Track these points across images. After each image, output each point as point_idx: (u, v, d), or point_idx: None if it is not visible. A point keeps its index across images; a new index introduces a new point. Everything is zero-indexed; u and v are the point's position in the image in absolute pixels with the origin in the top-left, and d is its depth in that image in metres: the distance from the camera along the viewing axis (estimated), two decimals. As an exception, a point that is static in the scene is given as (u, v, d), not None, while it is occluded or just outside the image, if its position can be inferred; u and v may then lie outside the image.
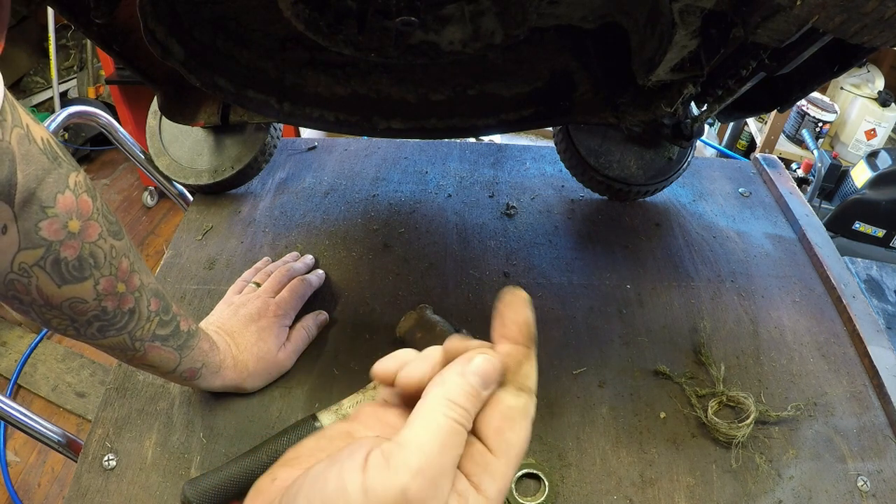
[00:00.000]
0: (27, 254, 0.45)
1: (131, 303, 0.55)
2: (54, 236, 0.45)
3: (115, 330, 0.55)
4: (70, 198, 0.46)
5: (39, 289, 0.47)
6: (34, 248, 0.45)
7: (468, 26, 0.64)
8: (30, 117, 0.44)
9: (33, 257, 0.45)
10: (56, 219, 0.45)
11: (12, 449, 1.85)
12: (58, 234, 0.46)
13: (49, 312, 0.50)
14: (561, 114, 0.86)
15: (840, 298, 0.89)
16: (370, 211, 1.03)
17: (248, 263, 0.90)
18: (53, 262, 0.46)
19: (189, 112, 0.93)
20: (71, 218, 0.46)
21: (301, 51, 0.81)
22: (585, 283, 0.91)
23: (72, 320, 0.51)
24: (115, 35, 0.76)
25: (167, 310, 0.60)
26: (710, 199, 1.10)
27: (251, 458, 0.64)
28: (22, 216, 0.43)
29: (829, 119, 2.58)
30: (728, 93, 0.70)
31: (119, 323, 0.55)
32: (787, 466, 0.69)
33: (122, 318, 0.55)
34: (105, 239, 0.50)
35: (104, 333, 0.55)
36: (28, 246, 0.44)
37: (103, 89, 2.95)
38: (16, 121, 0.41)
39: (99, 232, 0.49)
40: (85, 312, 0.51)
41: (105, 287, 0.51)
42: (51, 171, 0.44)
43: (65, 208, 0.46)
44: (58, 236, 0.46)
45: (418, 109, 0.85)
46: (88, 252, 0.48)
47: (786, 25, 0.48)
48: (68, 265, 0.47)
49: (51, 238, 0.45)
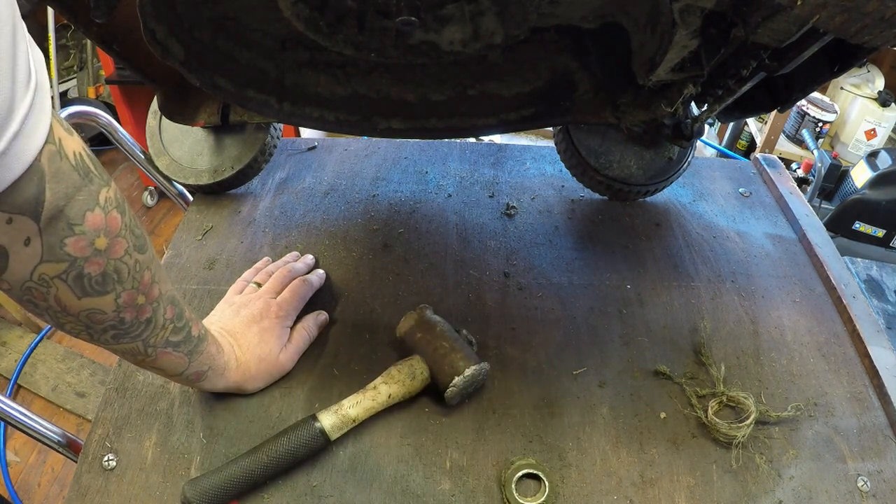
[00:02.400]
0: (49, 266, 0.44)
1: (149, 313, 0.54)
2: (80, 253, 0.45)
3: (129, 337, 0.55)
4: (99, 216, 0.45)
5: (58, 298, 0.46)
6: (57, 262, 0.44)
7: (468, 26, 0.64)
8: (64, 129, 0.42)
9: (55, 270, 0.44)
10: (83, 236, 0.44)
11: (12, 449, 1.85)
12: (84, 251, 0.45)
13: (64, 318, 0.49)
14: (561, 114, 0.86)
15: (840, 298, 0.89)
16: (370, 211, 1.03)
17: (248, 263, 0.90)
18: (76, 276, 0.46)
19: (189, 112, 0.93)
20: (99, 235, 0.45)
21: (301, 51, 0.81)
22: (585, 283, 0.91)
23: (87, 327, 0.51)
24: (115, 35, 0.76)
25: (181, 316, 0.60)
26: (710, 199, 1.10)
27: (251, 458, 0.64)
28: (47, 231, 0.42)
29: (829, 119, 2.58)
30: (728, 93, 0.70)
31: (135, 332, 0.55)
32: (787, 466, 0.69)
33: (138, 328, 0.54)
34: (130, 255, 0.49)
35: (118, 340, 0.54)
36: (51, 259, 0.44)
37: (103, 89, 2.95)
38: (49, 137, 0.40)
39: (125, 248, 0.48)
40: (102, 322, 0.51)
41: (126, 300, 0.51)
42: (81, 188, 0.44)
43: (93, 226, 0.45)
44: (83, 253, 0.45)
45: (418, 109, 0.85)
46: (113, 268, 0.48)
47: (786, 25, 0.48)
48: (91, 280, 0.47)
49: (76, 255, 0.45)
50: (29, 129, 0.37)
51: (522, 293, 0.88)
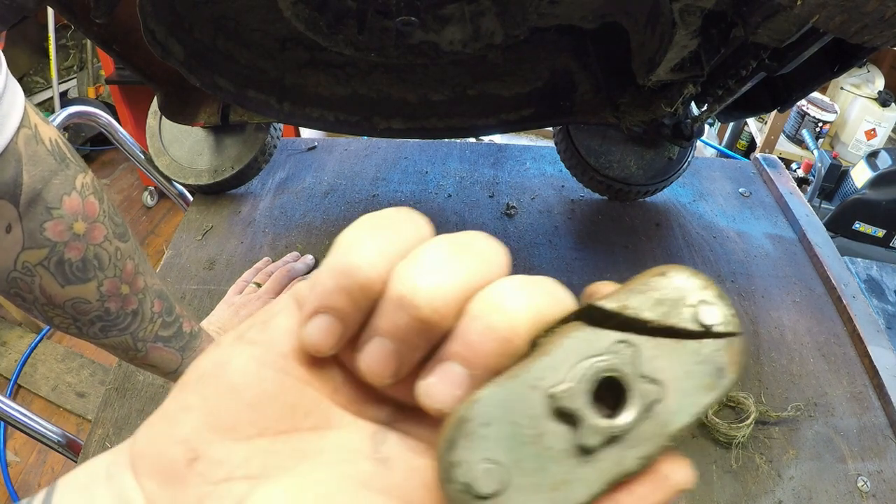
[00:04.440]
0: (31, 253, 0.45)
1: (135, 304, 0.55)
2: (59, 237, 0.45)
3: (117, 330, 0.55)
4: (76, 199, 0.46)
5: (43, 288, 0.47)
6: (38, 248, 0.45)
7: (468, 26, 0.64)
8: (39, 117, 0.44)
9: (37, 257, 0.45)
10: (61, 220, 0.45)
11: (12, 449, 1.85)
12: (62, 235, 0.46)
13: (52, 311, 0.50)
14: (561, 114, 0.86)
15: (840, 298, 0.89)
16: (370, 211, 1.02)
17: (248, 263, 0.90)
18: (57, 262, 0.46)
19: (189, 112, 0.93)
20: (76, 220, 0.46)
21: (301, 51, 0.81)
22: (585, 283, 0.91)
23: (74, 319, 0.51)
24: (115, 35, 0.76)
25: (170, 311, 0.60)
26: (710, 199, 1.10)
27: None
28: (27, 216, 0.43)
29: (829, 119, 2.57)
30: (728, 93, 0.70)
31: (122, 324, 0.55)
32: (787, 467, 0.69)
33: (125, 319, 0.55)
34: (110, 241, 0.50)
35: (106, 333, 0.55)
36: (32, 245, 0.44)
37: (103, 89, 2.95)
38: (24, 121, 0.41)
39: (104, 234, 0.49)
40: (88, 312, 0.51)
41: (109, 288, 0.51)
42: (57, 172, 0.44)
43: (70, 210, 0.46)
44: (62, 237, 0.46)
45: (418, 109, 0.85)
46: (93, 254, 0.48)
47: (786, 25, 0.48)
48: (72, 266, 0.47)
49: (55, 239, 0.45)
50: (3, 111, 0.38)
51: (522, 293, 0.88)
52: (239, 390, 0.19)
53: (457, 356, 0.18)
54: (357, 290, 0.18)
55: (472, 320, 0.18)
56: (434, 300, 0.18)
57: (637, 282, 0.19)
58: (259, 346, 0.19)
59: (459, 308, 0.18)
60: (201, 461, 0.18)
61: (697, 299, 0.19)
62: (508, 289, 0.19)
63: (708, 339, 0.18)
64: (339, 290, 0.18)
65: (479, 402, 0.18)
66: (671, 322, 0.18)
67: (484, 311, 0.18)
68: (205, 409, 0.19)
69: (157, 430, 0.19)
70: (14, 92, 0.40)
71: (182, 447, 0.18)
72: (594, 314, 0.19)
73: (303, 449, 0.19)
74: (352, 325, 0.19)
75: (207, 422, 0.18)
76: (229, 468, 0.18)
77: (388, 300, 0.18)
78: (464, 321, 0.18)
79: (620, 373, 0.18)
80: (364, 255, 0.19)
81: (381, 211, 0.21)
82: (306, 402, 0.20)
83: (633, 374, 0.18)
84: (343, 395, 0.21)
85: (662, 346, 0.18)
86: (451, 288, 0.18)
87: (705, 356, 0.18)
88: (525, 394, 0.18)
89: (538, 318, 0.18)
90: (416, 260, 0.19)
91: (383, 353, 0.19)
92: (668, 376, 0.18)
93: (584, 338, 0.19)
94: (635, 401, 0.18)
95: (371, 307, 0.19)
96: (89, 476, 0.19)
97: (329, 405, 0.20)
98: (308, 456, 0.19)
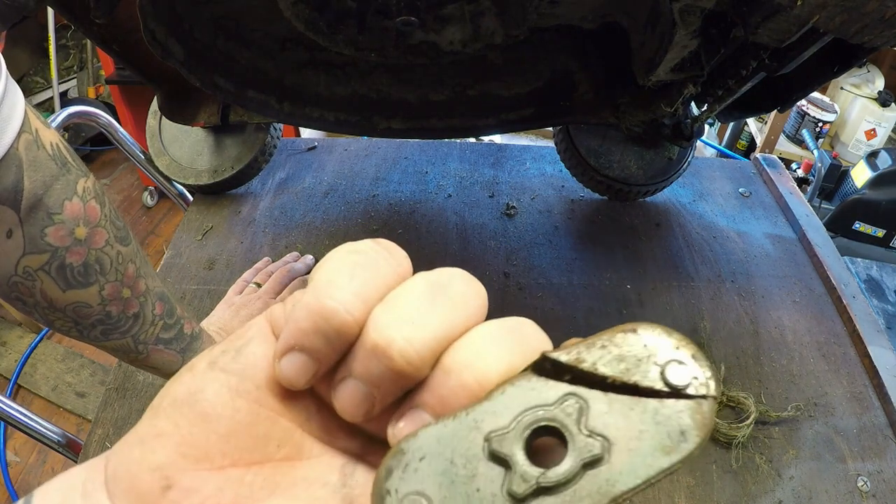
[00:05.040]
0: (32, 258, 0.44)
1: (136, 307, 0.55)
2: (60, 242, 0.45)
3: (118, 333, 0.55)
4: (77, 204, 0.46)
5: (44, 292, 0.47)
6: (39, 253, 0.44)
7: (468, 26, 0.64)
8: (40, 121, 0.43)
9: (38, 262, 0.45)
10: (63, 225, 0.45)
11: (12, 449, 1.85)
12: (64, 240, 0.45)
13: (53, 314, 0.49)
14: (561, 114, 0.86)
15: (840, 298, 0.89)
16: (370, 211, 1.03)
17: (248, 263, 0.90)
18: (59, 267, 0.46)
19: (189, 112, 0.93)
20: (78, 225, 0.46)
21: (301, 51, 0.81)
22: (585, 283, 0.91)
23: (75, 323, 0.51)
24: (115, 35, 0.76)
25: (171, 313, 0.60)
26: (710, 199, 1.10)
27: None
28: (28, 221, 0.43)
29: (829, 119, 2.57)
30: (728, 93, 0.70)
31: (123, 327, 0.55)
32: (787, 466, 0.69)
33: (126, 322, 0.54)
34: (112, 245, 0.49)
35: (108, 336, 0.54)
36: (33, 251, 0.44)
37: (103, 89, 2.95)
38: (25, 126, 0.41)
39: (106, 238, 0.49)
40: (89, 316, 0.51)
41: (110, 292, 0.51)
42: (59, 177, 0.44)
43: (72, 215, 0.45)
44: (64, 242, 0.45)
45: (418, 109, 0.85)
46: (95, 258, 0.48)
47: (786, 25, 0.48)
48: (73, 271, 0.47)
49: (57, 244, 0.45)
50: (4, 116, 0.38)
51: (522, 293, 0.88)
52: (212, 420, 0.19)
53: (427, 406, 0.19)
54: (333, 333, 0.19)
55: (445, 375, 0.19)
56: (408, 353, 0.18)
57: (602, 336, 0.19)
58: (233, 376, 0.20)
59: (434, 359, 0.19)
60: (174, 489, 0.18)
61: (668, 358, 0.18)
62: (481, 345, 0.19)
63: (670, 400, 0.18)
64: (315, 331, 0.19)
65: (419, 437, 0.18)
66: (632, 379, 0.18)
67: (456, 367, 0.19)
68: (178, 436, 0.19)
69: (131, 456, 0.19)
70: (14, 96, 0.39)
71: (156, 475, 0.18)
72: (548, 366, 0.19)
73: (275, 481, 0.20)
74: (326, 363, 0.19)
75: (180, 450, 0.19)
76: (201, 498, 0.18)
77: (363, 346, 0.19)
78: (437, 374, 0.19)
79: (560, 424, 0.18)
80: (341, 298, 0.19)
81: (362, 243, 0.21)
82: (279, 433, 0.20)
83: (576, 427, 0.18)
84: (315, 424, 0.21)
85: (617, 403, 0.18)
86: (426, 341, 0.19)
87: (665, 417, 0.17)
88: (464, 434, 0.18)
89: (508, 373, 0.19)
90: (393, 306, 0.19)
91: (357, 395, 0.19)
92: (619, 434, 0.17)
93: (531, 387, 0.18)
94: (573, 454, 0.17)
95: (346, 348, 0.19)
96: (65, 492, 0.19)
97: (302, 435, 0.21)
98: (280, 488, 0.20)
